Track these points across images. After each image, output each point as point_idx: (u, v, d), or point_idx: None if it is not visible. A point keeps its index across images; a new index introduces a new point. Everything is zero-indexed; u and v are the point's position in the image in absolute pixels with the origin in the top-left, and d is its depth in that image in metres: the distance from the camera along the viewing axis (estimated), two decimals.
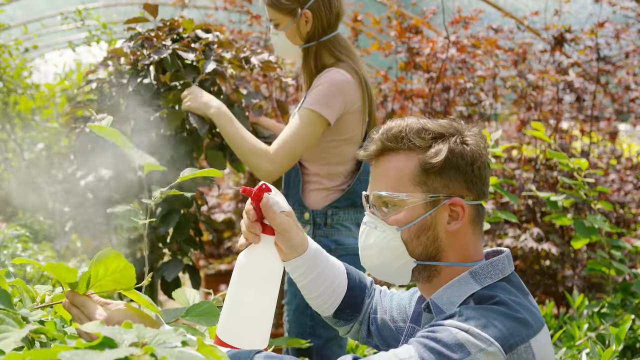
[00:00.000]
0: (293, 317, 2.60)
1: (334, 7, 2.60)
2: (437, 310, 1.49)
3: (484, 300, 1.44)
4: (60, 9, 6.94)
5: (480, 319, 1.35)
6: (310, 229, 2.60)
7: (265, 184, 1.52)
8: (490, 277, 1.49)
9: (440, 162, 1.48)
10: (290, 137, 2.50)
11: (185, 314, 1.55)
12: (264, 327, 1.51)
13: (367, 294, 1.78)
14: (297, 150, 2.50)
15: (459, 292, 1.48)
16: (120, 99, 2.77)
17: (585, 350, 2.38)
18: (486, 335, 1.32)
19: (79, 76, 6.91)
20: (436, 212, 1.50)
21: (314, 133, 2.51)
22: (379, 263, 1.56)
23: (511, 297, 1.45)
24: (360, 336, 1.81)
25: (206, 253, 6.31)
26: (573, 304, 3.05)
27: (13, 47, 5.79)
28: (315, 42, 2.62)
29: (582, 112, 5.06)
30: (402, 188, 1.51)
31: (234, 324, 1.49)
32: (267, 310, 1.51)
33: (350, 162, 2.65)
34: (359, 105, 2.58)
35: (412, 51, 4.80)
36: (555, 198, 3.09)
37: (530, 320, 1.41)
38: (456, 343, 1.31)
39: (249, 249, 1.53)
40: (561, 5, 5.14)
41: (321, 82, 2.53)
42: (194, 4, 6.27)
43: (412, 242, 1.51)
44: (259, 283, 1.50)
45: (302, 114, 2.51)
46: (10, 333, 1.15)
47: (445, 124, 1.54)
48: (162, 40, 2.76)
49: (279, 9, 2.59)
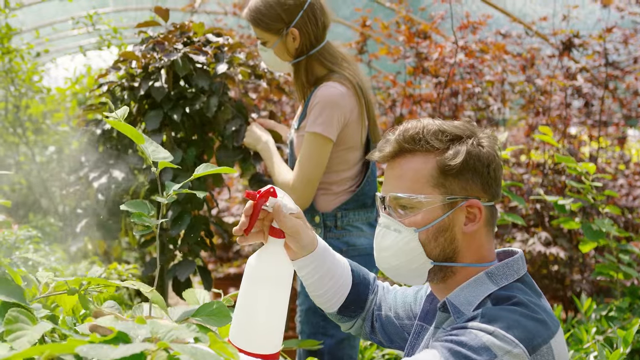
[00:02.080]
0: (305, 317, 2.61)
1: (320, 20, 2.62)
2: (454, 310, 1.48)
3: (502, 301, 1.44)
4: (71, 14, 6.99)
5: (504, 320, 1.35)
6: (321, 232, 2.62)
7: (273, 187, 1.52)
8: (506, 277, 1.50)
9: (459, 164, 1.48)
10: (303, 166, 2.56)
11: (195, 313, 1.55)
12: (276, 331, 1.50)
13: (371, 290, 1.79)
14: (314, 177, 2.57)
15: (476, 292, 1.49)
16: (131, 102, 2.80)
17: (593, 354, 2.38)
18: (511, 336, 1.32)
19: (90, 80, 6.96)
20: (453, 213, 1.50)
21: (323, 155, 2.56)
22: (396, 264, 1.56)
23: (528, 297, 1.45)
24: (364, 332, 1.82)
25: (216, 256, 6.34)
26: (581, 308, 3.06)
27: (25, 51, 5.84)
28: (305, 57, 2.64)
29: (590, 118, 5.07)
30: (420, 190, 1.51)
31: (246, 328, 1.48)
32: (279, 314, 1.50)
33: (356, 166, 2.68)
34: (357, 113, 2.60)
35: (421, 56, 4.82)
36: (563, 202, 3.11)
37: (548, 321, 1.41)
38: (482, 346, 1.31)
39: (259, 253, 1.53)
40: (569, 11, 5.14)
41: (316, 102, 2.56)
42: (204, 9, 6.31)
43: (429, 244, 1.51)
44: (270, 287, 1.49)
45: (308, 139, 2.55)
46: (24, 332, 1.15)
47: (461, 125, 1.54)
48: (173, 44, 2.78)
49: (265, 29, 2.62)
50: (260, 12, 2.60)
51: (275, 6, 2.57)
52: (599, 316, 2.98)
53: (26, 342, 1.12)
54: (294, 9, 2.58)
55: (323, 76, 2.63)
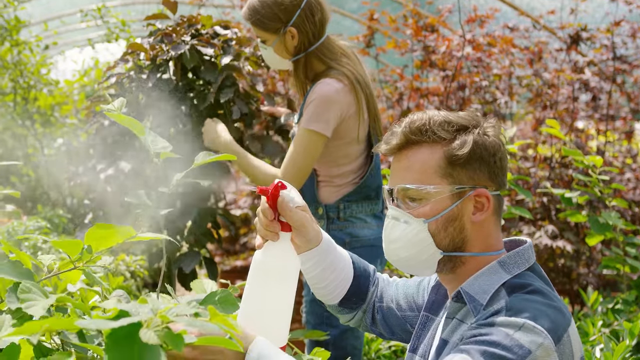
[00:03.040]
0: (310, 308, 2.64)
1: (318, 18, 2.63)
2: (470, 299, 1.48)
3: (517, 289, 1.44)
4: (78, 7, 7.01)
5: (530, 310, 1.35)
6: (324, 223, 2.63)
7: (280, 182, 1.52)
8: (517, 266, 1.50)
9: (466, 153, 1.49)
10: (295, 157, 2.58)
11: (202, 302, 1.56)
12: (283, 324, 1.50)
13: (372, 282, 1.79)
14: (303, 168, 2.58)
15: (490, 280, 1.48)
16: (139, 94, 2.81)
17: (599, 346, 2.39)
18: (540, 327, 1.32)
19: (98, 73, 6.99)
20: (462, 203, 1.51)
21: (315, 150, 2.58)
22: (406, 256, 1.55)
23: (542, 285, 1.46)
24: (363, 324, 1.82)
25: (222, 249, 6.36)
26: (588, 301, 3.06)
27: (33, 43, 5.86)
28: (304, 54, 2.66)
29: (597, 111, 5.06)
30: (428, 180, 1.51)
31: (253, 322, 1.47)
32: (286, 307, 1.50)
33: (358, 159, 2.69)
34: (354, 108, 2.62)
35: (428, 49, 4.82)
36: (569, 195, 3.11)
37: (564, 309, 1.42)
38: (515, 343, 1.30)
39: (265, 247, 1.52)
40: (577, 4, 5.13)
41: (313, 98, 2.57)
42: (212, 2, 6.32)
43: (439, 234, 1.51)
44: (277, 281, 1.49)
45: (301, 134, 2.58)
46: (38, 302, 1.19)
47: (466, 115, 1.55)
48: (181, 36, 2.79)
49: (263, 29, 2.63)
50: (258, 12, 2.61)
51: (272, 6, 2.59)
52: (605, 309, 2.98)
53: (40, 309, 1.16)
54: (291, 8, 2.59)
55: (321, 72, 2.65)
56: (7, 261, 1.32)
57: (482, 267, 1.52)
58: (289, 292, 1.50)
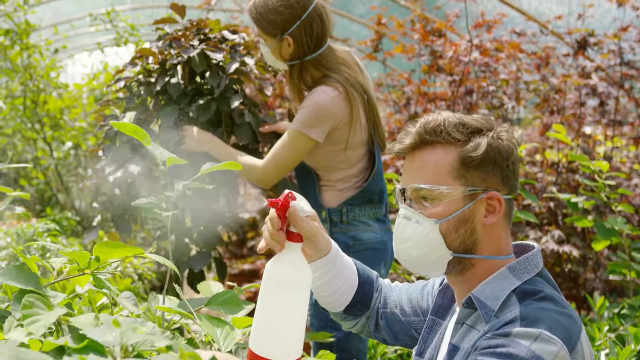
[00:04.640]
0: (314, 311, 2.65)
1: (317, 32, 2.64)
2: (481, 305, 1.48)
3: (528, 295, 1.44)
4: (88, 11, 7.06)
5: (545, 320, 1.35)
6: (327, 227, 2.65)
7: (290, 192, 1.49)
8: (527, 272, 1.50)
9: (480, 156, 1.49)
10: (279, 153, 2.64)
11: (208, 303, 1.57)
12: (298, 336, 1.46)
13: (375, 288, 1.78)
14: (285, 165, 2.65)
15: (501, 286, 1.49)
16: (148, 98, 2.83)
17: (605, 351, 2.39)
18: (556, 337, 1.32)
19: (107, 76, 7.02)
20: (474, 205, 1.51)
21: (300, 150, 2.63)
22: (416, 255, 1.55)
23: (552, 291, 1.46)
24: (367, 330, 1.81)
25: (230, 252, 6.37)
26: (594, 306, 3.06)
27: (43, 47, 5.90)
28: (299, 62, 2.68)
29: (605, 117, 5.05)
30: (441, 181, 1.51)
31: (268, 335, 1.44)
32: (300, 319, 1.46)
33: (359, 164, 2.72)
34: (350, 116, 2.64)
35: (436, 54, 4.83)
36: (576, 199, 3.11)
37: (575, 316, 1.41)
38: (532, 355, 1.30)
39: (277, 258, 1.48)
40: (585, 10, 5.14)
41: (307, 103, 2.61)
42: (220, 7, 6.34)
43: (450, 235, 1.51)
44: (289, 292, 1.45)
45: (290, 134, 2.62)
46: (40, 317, 1.16)
47: (480, 118, 1.55)
48: (190, 41, 2.81)
49: (262, 30, 2.66)
50: (260, 14, 2.64)
51: (273, 13, 2.61)
52: (611, 314, 2.98)
53: (42, 327, 1.13)
54: (290, 19, 2.61)
55: (318, 79, 2.68)
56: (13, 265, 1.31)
57: (491, 270, 1.53)
58: (302, 302, 1.46)
